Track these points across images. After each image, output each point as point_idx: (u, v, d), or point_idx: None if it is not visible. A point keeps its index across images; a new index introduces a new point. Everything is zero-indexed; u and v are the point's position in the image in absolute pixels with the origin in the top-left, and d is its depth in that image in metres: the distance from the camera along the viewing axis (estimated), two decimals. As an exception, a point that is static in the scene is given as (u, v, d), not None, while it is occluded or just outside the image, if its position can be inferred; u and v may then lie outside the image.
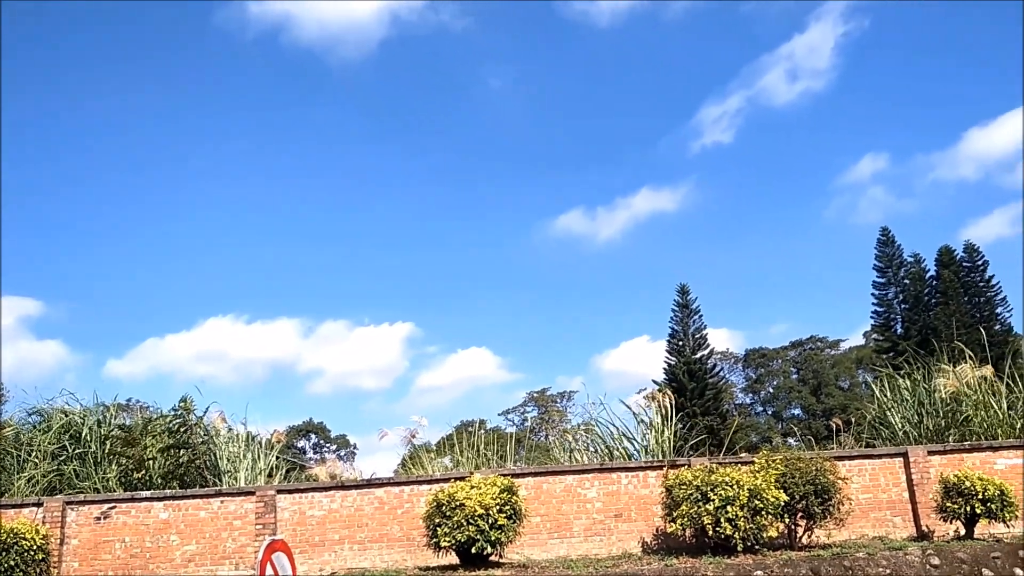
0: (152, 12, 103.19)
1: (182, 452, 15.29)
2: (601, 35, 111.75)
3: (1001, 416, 15.35)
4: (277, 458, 16.23)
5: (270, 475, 15.61)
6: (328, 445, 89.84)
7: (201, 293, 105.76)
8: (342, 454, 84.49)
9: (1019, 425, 15.34)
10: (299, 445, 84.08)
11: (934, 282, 57.64)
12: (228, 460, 15.34)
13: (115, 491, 14.39)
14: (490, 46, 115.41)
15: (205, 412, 15.66)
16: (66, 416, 16.03)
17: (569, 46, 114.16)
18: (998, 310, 55.71)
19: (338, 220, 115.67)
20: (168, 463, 15.44)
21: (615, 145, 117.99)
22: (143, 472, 15.28)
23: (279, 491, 13.29)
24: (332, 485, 13.55)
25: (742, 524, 11.42)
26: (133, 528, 13.10)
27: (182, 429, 15.27)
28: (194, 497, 13.28)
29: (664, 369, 55.97)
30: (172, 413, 15.65)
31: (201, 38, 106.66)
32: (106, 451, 15.49)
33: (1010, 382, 16.21)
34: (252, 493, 13.26)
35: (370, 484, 13.46)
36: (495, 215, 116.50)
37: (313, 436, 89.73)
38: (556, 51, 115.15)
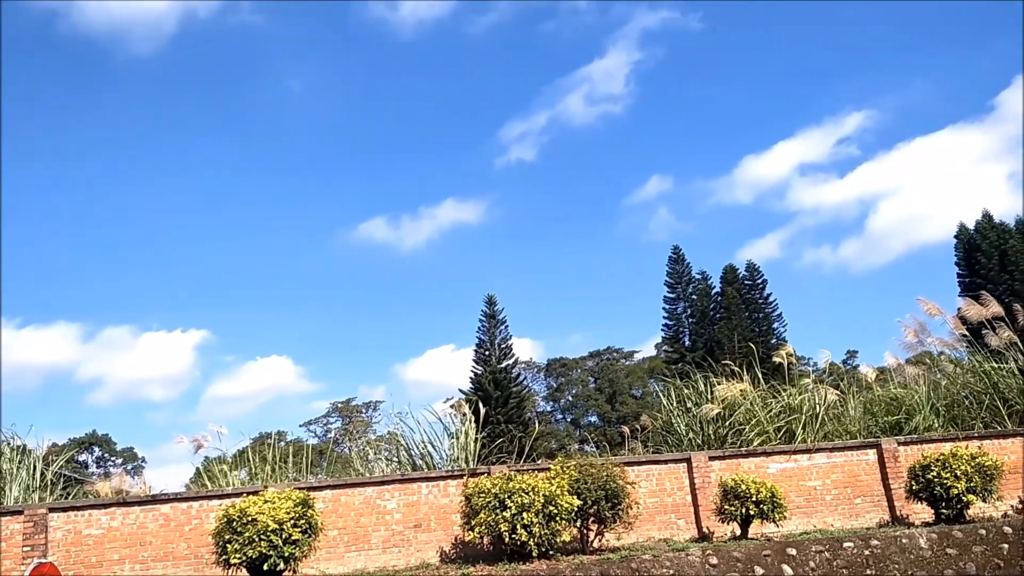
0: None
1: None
2: (404, 45, 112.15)
3: (765, 423, 16.53)
4: (54, 473, 14.96)
5: (45, 492, 14.35)
6: (113, 459, 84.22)
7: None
8: (129, 468, 79.44)
9: (780, 431, 16.59)
10: (81, 459, 78.24)
11: (719, 298, 62.06)
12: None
13: None
14: (289, 47, 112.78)
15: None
16: None
17: (372, 53, 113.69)
18: (775, 325, 60.92)
19: (124, 219, 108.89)
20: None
21: (420, 155, 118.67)
22: None
23: (51, 509, 12.25)
24: (112, 501, 12.64)
25: (537, 530, 11.69)
26: None
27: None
28: (-51, 519, 11.99)
29: (471, 378, 56.60)
30: None
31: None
32: None
33: (776, 393, 17.56)
34: (20, 512, 12.11)
35: (155, 500, 12.69)
36: (293, 220, 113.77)
37: (97, 449, 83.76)
38: (358, 57, 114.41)
